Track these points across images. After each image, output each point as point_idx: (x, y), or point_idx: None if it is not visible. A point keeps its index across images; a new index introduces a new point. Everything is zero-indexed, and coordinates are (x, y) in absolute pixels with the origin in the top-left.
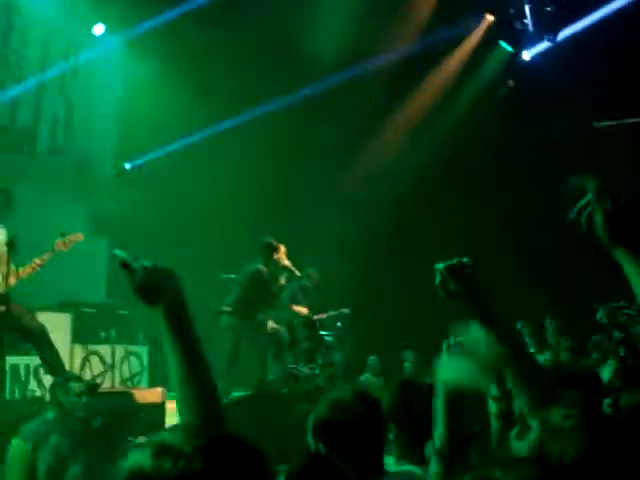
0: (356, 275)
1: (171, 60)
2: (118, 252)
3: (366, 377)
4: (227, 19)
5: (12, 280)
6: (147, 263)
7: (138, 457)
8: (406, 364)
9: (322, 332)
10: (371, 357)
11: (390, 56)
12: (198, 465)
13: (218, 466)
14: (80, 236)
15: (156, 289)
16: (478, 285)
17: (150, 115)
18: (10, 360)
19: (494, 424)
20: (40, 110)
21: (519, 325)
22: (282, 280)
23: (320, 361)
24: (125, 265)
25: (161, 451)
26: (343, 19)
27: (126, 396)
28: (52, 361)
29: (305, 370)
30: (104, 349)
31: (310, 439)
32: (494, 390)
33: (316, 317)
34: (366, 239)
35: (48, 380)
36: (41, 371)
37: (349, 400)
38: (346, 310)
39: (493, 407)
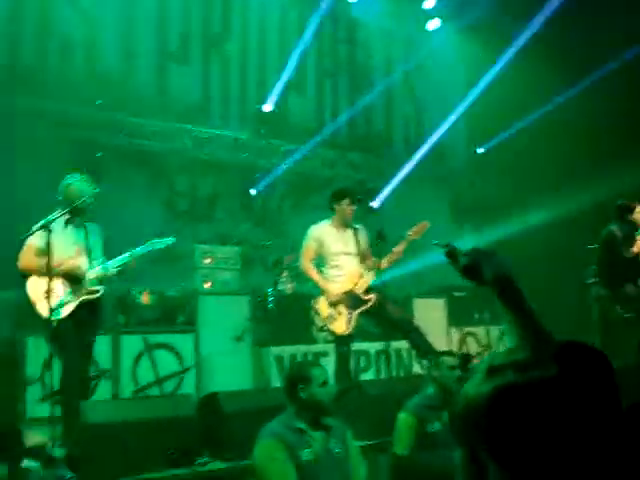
0: None
1: (503, 38)
2: (436, 242)
3: None
4: None
5: (374, 273)
6: (466, 250)
7: (495, 380)
8: None
9: None
10: None
11: None
12: (553, 371)
13: (571, 370)
14: (425, 224)
15: (478, 269)
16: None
17: (495, 96)
18: (395, 345)
19: None
20: (392, 113)
21: None
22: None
23: None
24: (450, 255)
25: (513, 367)
26: None
27: None
28: (421, 344)
29: None
30: (479, 330)
31: None
32: None
33: None
34: None
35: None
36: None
37: None
38: None
39: None
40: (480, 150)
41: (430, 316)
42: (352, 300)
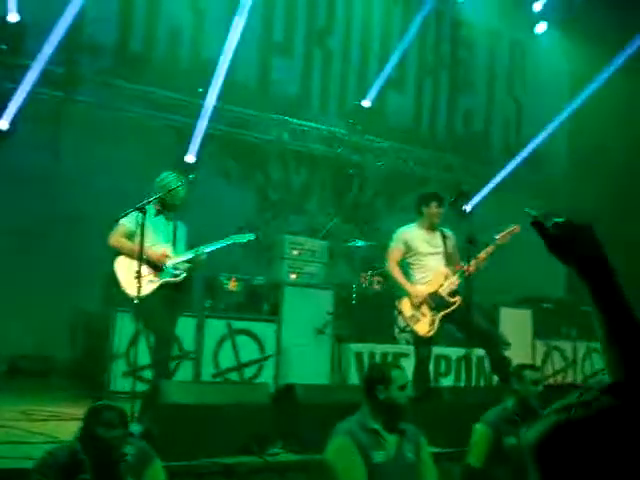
0: None
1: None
2: (528, 210)
3: None
4: None
5: (460, 276)
6: (559, 219)
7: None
8: None
9: None
10: None
11: None
12: (607, 401)
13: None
14: (516, 228)
15: (567, 244)
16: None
17: (599, 105)
18: (477, 352)
19: None
20: (491, 115)
21: None
22: None
23: None
24: (537, 224)
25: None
26: None
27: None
28: (498, 361)
29: None
30: (565, 345)
31: None
32: None
33: None
34: None
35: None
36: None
37: None
38: None
39: None
40: None
41: (515, 327)
42: (436, 302)
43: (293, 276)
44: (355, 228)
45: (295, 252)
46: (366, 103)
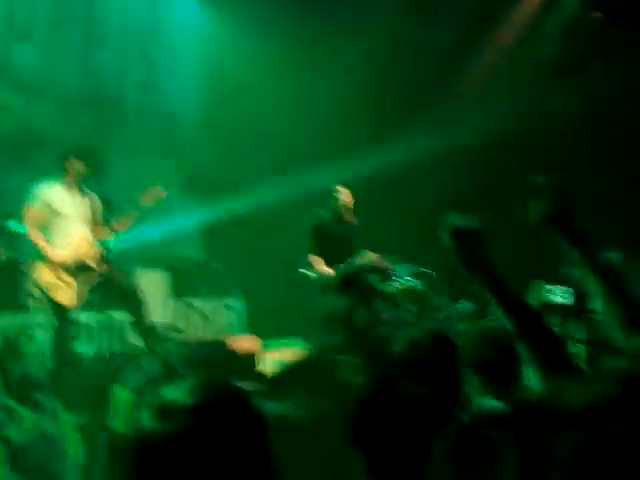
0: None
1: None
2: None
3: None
4: None
5: (105, 242)
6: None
7: (143, 417)
8: None
9: None
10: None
11: None
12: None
13: (214, 420)
14: (160, 192)
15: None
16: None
17: (232, 71)
18: (115, 316)
19: None
20: (125, 75)
21: None
22: None
23: None
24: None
25: (163, 412)
26: None
27: (219, 344)
28: (142, 318)
29: None
30: (201, 303)
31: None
32: None
33: None
34: None
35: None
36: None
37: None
38: None
39: None
40: None
41: (152, 288)
42: (80, 269)
43: None
44: None
45: None
46: None
